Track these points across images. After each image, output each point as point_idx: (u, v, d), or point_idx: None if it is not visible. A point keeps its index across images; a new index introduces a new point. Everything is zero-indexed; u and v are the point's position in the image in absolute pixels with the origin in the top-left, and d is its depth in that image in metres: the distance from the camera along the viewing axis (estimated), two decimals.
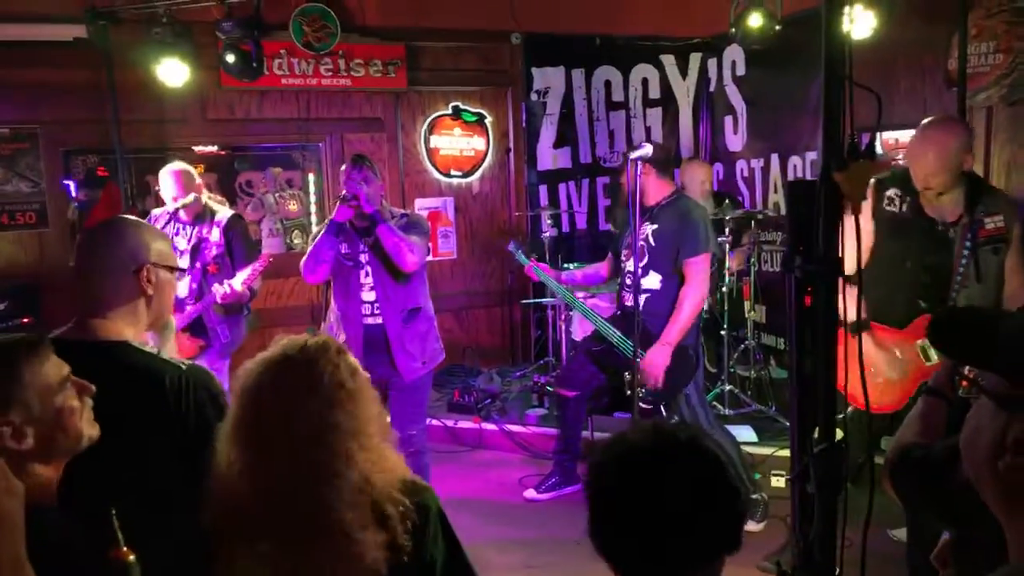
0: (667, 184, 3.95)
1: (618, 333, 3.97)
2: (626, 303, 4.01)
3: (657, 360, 3.72)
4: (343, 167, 3.69)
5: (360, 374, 1.54)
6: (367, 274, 3.68)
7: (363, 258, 3.69)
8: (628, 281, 3.98)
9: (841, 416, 3.11)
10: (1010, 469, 0.88)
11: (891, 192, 3.14)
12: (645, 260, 3.89)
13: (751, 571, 3.28)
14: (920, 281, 3.13)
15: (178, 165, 4.19)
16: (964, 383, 1.07)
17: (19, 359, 1.34)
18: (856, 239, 1.55)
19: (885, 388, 3.12)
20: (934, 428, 1.47)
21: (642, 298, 3.83)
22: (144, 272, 1.78)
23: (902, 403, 3.11)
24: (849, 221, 1.61)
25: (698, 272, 3.78)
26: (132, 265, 1.77)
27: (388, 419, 1.61)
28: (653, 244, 3.86)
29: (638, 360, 3.69)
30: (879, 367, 3.15)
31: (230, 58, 4.91)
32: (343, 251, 3.69)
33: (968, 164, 3.04)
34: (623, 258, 4.06)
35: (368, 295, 3.69)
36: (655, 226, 3.87)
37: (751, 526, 3.83)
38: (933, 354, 3.03)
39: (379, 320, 3.68)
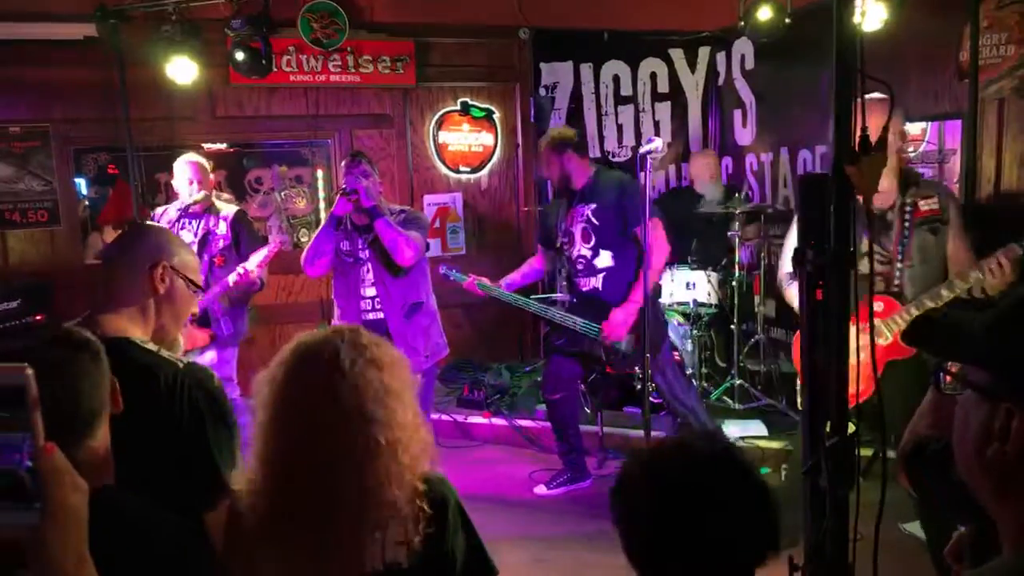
0: (589, 164, 4.07)
1: (580, 320, 3.99)
2: (582, 288, 4.05)
3: (620, 319, 3.79)
4: (342, 163, 3.72)
5: (386, 369, 1.48)
6: (368, 270, 3.70)
7: (363, 255, 3.71)
8: (580, 267, 4.03)
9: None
10: (997, 456, 0.89)
11: None
12: (592, 241, 3.92)
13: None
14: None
15: (195, 156, 4.28)
16: (948, 378, 1.07)
17: (103, 354, 1.38)
18: (868, 229, 1.55)
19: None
20: (947, 419, 1.46)
21: (599, 278, 3.88)
22: (159, 270, 1.78)
23: (870, 390, 3.13)
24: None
25: (651, 234, 3.81)
26: (148, 262, 1.78)
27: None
28: (597, 223, 3.91)
29: (602, 337, 3.84)
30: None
31: (239, 55, 4.92)
32: (343, 248, 3.71)
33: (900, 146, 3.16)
34: (563, 246, 4.09)
35: (369, 291, 3.71)
36: (593, 205, 3.93)
37: None
38: (887, 332, 3.05)
39: (380, 315, 3.69)
